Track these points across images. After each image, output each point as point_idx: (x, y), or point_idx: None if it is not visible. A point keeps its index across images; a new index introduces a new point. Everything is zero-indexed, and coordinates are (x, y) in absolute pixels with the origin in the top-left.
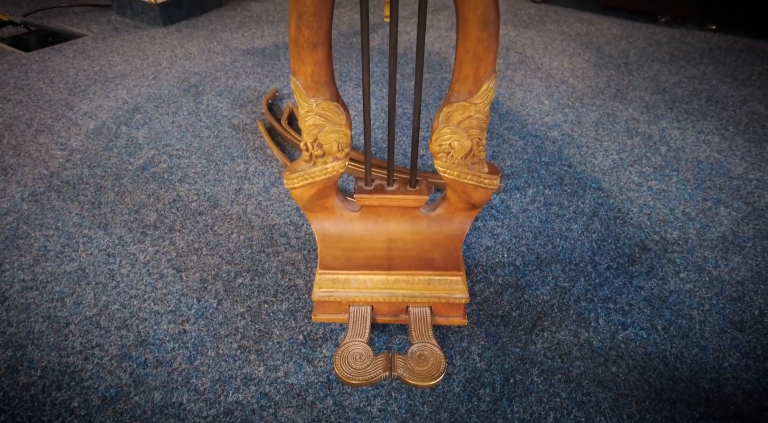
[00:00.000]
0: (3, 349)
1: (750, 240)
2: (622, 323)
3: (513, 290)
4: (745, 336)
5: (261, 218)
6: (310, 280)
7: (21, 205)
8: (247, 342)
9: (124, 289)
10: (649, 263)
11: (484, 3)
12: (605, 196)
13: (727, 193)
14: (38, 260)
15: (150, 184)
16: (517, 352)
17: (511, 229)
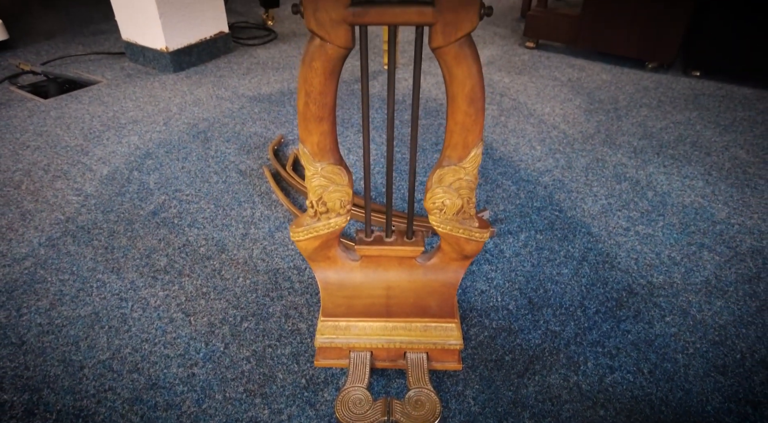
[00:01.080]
0: (20, 392)
1: (732, 284)
2: (609, 367)
3: (506, 334)
4: (728, 380)
5: (266, 262)
6: (313, 325)
7: (38, 249)
8: (252, 386)
9: (136, 333)
10: (636, 307)
11: (471, 82)
12: (594, 240)
13: (710, 237)
14: (54, 304)
15: (161, 229)
16: (510, 396)
17: (505, 274)
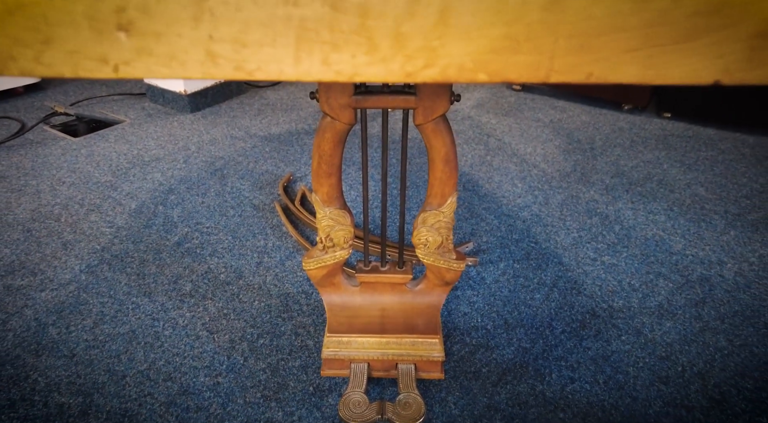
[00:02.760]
0: (75, 396)
1: (681, 308)
2: (570, 378)
3: (484, 350)
4: (669, 388)
5: (278, 288)
6: (319, 341)
7: (80, 276)
8: (268, 392)
9: (168, 348)
10: (597, 328)
11: (445, 149)
12: (564, 269)
13: (666, 267)
14: (97, 323)
15: (185, 258)
16: (485, 401)
17: (485, 298)
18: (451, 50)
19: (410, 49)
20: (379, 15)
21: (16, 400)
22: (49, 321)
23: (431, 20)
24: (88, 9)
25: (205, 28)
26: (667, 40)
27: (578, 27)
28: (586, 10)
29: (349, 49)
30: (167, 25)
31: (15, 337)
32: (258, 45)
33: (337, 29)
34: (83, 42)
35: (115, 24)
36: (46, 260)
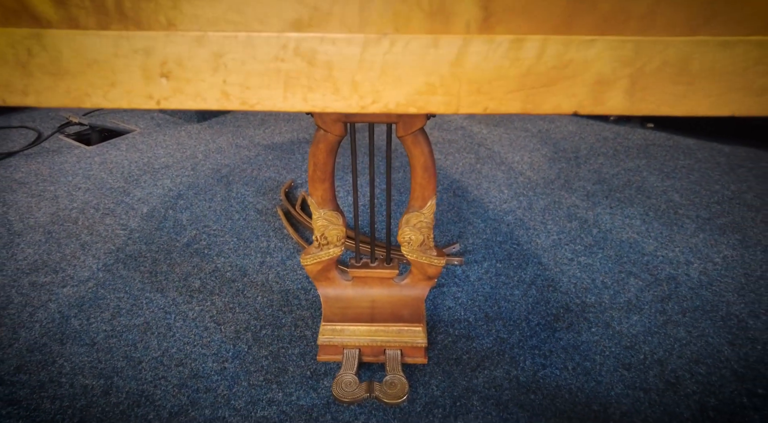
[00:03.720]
0: (97, 378)
1: (647, 303)
2: (542, 364)
3: (465, 340)
4: (630, 373)
5: (279, 284)
6: (315, 332)
7: (98, 273)
8: (270, 376)
9: (179, 338)
10: (569, 321)
11: (424, 158)
12: (543, 268)
13: (637, 266)
14: (114, 316)
15: (194, 258)
16: (464, 384)
17: (468, 294)
18: (390, 93)
19: (362, 91)
20: (340, 69)
21: (45, 382)
22: (71, 314)
23: (376, 73)
24: (141, 63)
25: (220, 76)
26: (536, 84)
27: (474, 77)
28: (478, 65)
29: (320, 91)
30: (195, 73)
31: (41, 328)
32: (257, 87)
33: (312, 78)
34: (137, 84)
35: (159, 73)
36: (66, 259)
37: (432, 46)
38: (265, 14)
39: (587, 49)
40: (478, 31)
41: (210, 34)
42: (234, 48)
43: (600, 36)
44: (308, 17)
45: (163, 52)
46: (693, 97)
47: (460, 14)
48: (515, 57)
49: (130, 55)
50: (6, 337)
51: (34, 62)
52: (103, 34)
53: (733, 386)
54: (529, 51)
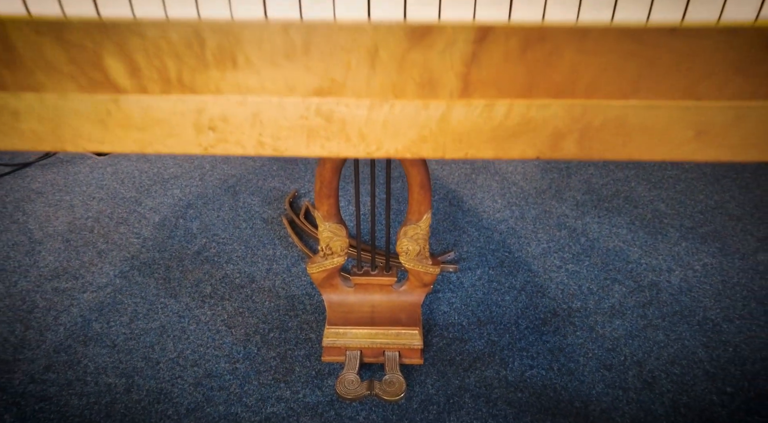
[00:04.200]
0: (119, 377)
1: (630, 308)
2: (530, 365)
3: (458, 342)
4: (611, 373)
5: (285, 290)
6: (320, 335)
7: (115, 280)
8: (278, 375)
9: (193, 340)
10: (556, 325)
11: (420, 176)
12: (533, 275)
13: (622, 273)
14: (132, 320)
15: (204, 265)
16: (457, 383)
17: (462, 299)
18: (390, 142)
19: (368, 141)
20: (351, 125)
21: (72, 380)
22: (92, 317)
23: (380, 128)
24: (194, 120)
25: (257, 130)
26: (505, 136)
27: (457, 131)
28: (459, 122)
29: (335, 141)
30: (236, 128)
31: (66, 331)
32: (286, 138)
33: (329, 131)
34: (189, 136)
35: (207, 127)
36: (84, 266)
37: (423, 108)
38: (294, 84)
39: (545, 110)
40: (459, 97)
41: (250, 98)
42: (268, 109)
43: (554, 100)
44: (327, 86)
45: (212, 111)
46: (630, 147)
47: (445, 85)
48: (488, 116)
49: (186, 114)
50: (34, 338)
51: (111, 119)
52: (166, 98)
53: (704, 385)
54: (498, 111)
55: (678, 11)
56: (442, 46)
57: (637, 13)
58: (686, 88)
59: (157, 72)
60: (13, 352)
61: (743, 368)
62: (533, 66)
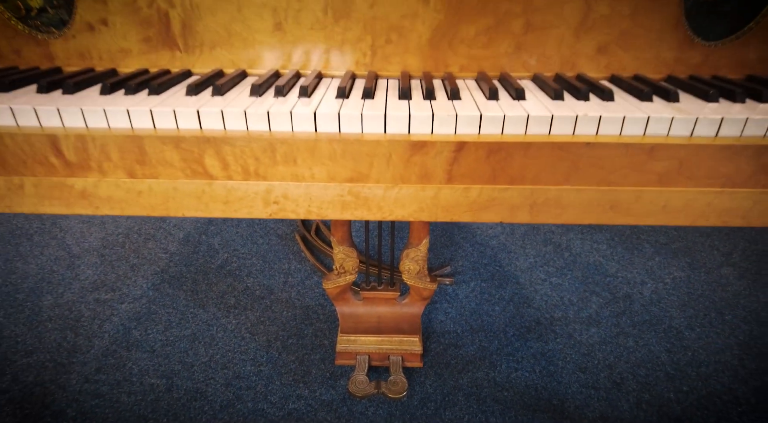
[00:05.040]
0: (160, 378)
1: (605, 318)
2: (515, 368)
3: (453, 348)
4: (585, 375)
5: (300, 301)
6: (333, 340)
7: (148, 292)
8: (297, 376)
9: (222, 346)
10: (539, 332)
11: None
12: (520, 287)
13: (600, 286)
14: (167, 328)
15: (227, 278)
16: (452, 383)
17: (457, 309)
18: (398, 211)
19: (383, 210)
20: (372, 200)
21: (120, 381)
22: (131, 326)
23: (392, 202)
24: (264, 196)
25: (307, 202)
26: (478, 208)
27: (444, 204)
28: (446, 199)
29: (360, 210)
30: (293, 201)
31: (110, 337)
32: (327, 208)
33: (356, 204)
34: (259, 206)
35: (272, 200)
36: (120, 279)
37: (421, 190)
38: (334, 175)
39: (504, 192)
40: (445, 183)
41: (304, 183)
42: (316, 190)
43: (511, 185)
44: (357, 177)
45: (277, 191)
46: (565, 216)
47: (435, 177)
48: (466, 195)
49: (258, 193)
50: (84, 344)
51: (204, 196)
52: (245, 183)
53: (664, 384)
54: (473, 193)
55: (593, 129)
56: (434, 153)
57: (564, 130)
58: (601, 178)
59: (241, 167)
60: (68, 355)
61: (699, 370)
62: (495, 165)
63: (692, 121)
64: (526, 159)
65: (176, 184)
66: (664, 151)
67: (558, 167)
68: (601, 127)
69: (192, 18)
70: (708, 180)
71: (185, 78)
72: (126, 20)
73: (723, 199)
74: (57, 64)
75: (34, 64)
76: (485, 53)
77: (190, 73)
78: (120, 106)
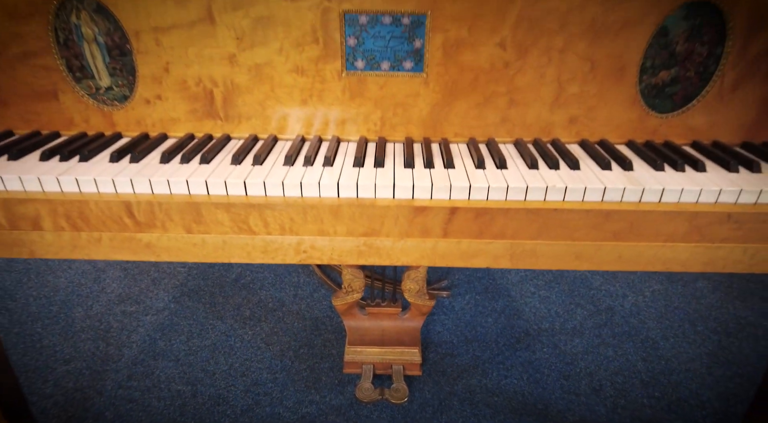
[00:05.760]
0: (185, 385)
1: (588, 329)
2: (505, 375)
3: (449, 357)
4: (568, 382)
5: (310, 313)
6: (340, 350)
7: (170, 304)
8: (309, 383)
9: (240, 355)
10: (527, 342)
11: None
12: (511, 300)
13: (584, 299)
14: (189, 338)
15: (242, 291)
16: (447, 389)
17: (453, 321)
18: (404, 258)
19: (392, 256)
20: (383, 249)
21: (150, 387)
22: (156, 336)
23: (399, 251)
24: (295, 246)
25: (331, 251)
26: (469, 255)
27: (441, 252)
28: (443, 249)
29: (374, 257)
30: (319, 250)
31: (137, 347)
32: (346, 256)
33: (370, 252)
34: (291, 254)
35: (303, 250)
36: (143, 292)
37: (422, 242)
38: (352, 231)
39: (489, 245)
40: (442, 238)
41: (328, 237)
42: (338, 242)
43: (495, 240)
44: (370, 232)
45: (306, 243)
46: (539, 262)
47: (434, 232)
48: (458, 247)
49: (292, 244)
50: (115, 353)
51: (248, 246)
52: (281, 236)
53: (638, 391)
54: (463, 244)
55: (560, 196)
56: (432, 215)
57: (537, 197)
58: (567, 235)
59: (278, 225)
60: (101, 364)
61: (670, 377)
62: (482, 225)
63: (640, 191)
64: (506, 220)
65: (225, 238)
66: (618, 215)
67: (532, 226)
68: (567, 195)
69: (232, 94)
70: (653, 237)
71: (227, 142)
72: (177, 96)
73: (665, 251)
74: (118, 130)
75: (99, 129)
76: (475, 123)
77: (229, 138)
78: (180, 177)
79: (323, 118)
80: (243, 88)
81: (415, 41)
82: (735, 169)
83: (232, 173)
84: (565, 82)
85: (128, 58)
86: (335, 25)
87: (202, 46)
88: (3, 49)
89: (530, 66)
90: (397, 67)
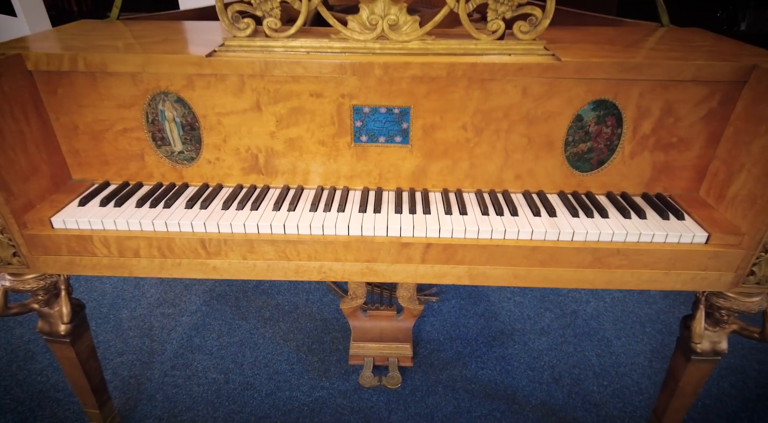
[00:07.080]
0: (219, 374)
1: (554, 330)
2: (482, 367)
3: (436, 352)
4: (533, 373)
5: (320, 315)
6: (346, 345)
7: (201, 307)
8: (320, 373)
9: (263, 350)
10: (502, 340)
11: None
12: (490, 304)
13: (553, 303)
14: (220, 335)
15: (262, 296)
16: (434, 378)
17: (440, 322)
18: (396, 277)
19: (387, 276)
20: (379, 271)
21: (191, 375)
22: (192, 334)
23: (391, 272)
24: (318, 269)
25: (342, 273)
26: (440, 275)
27: (421, 274)
28: (423, 270)
29: (372, 276)
30: (334, 272)
31: (177, 343)
32: (353, 276)
33: (370, 273)
34: (315, 274)
35: (323, 271)
36: (178, 296)
37: (407, 266)
38: (357, 258)
39: (454, 269)
40: (421, 263)
41: (340, 262)
42: (348, 266)
43: (458, 265)
44: (371, 259)
45: (326, 267)
46: (491, 281)
47: (415, 259)
48: (432, 269)
49: (316, 267)
50: (159, 348)
51: (285, 268)
52: (308, 262)
53: (590, 381)
54: (436, 268)
55: (501, 236)
56: (414, 248)
57: (484, 236)
58: (507, 262)
59: (307, 255)
60: (148, 356)
61: (618, 369)
62: (448, 255)
63: (557, 233)
64: (464, 252)
65: (269, 263)
66: (542, 249)
67: (483, 256)
68: (506, 235)
69: (271, 157)
70: (568, 264)
71: (267, 191)
72: (231, 158)
73: (577, 274)
74: (185, 181)
75: (172, 180)
76: (447, 178)
77: (268, 188)
78: (239, 221)
79: (336, 174)
80: (279, 154)
81: (402, 124)
82: (628, 216)
83: (275, 217)
84: (510, 152)
85: (196, 132)
86: (347, 114)
87: (251, 126)
88: (110, 127)
89: (485, 141)
90: (390, 140)
